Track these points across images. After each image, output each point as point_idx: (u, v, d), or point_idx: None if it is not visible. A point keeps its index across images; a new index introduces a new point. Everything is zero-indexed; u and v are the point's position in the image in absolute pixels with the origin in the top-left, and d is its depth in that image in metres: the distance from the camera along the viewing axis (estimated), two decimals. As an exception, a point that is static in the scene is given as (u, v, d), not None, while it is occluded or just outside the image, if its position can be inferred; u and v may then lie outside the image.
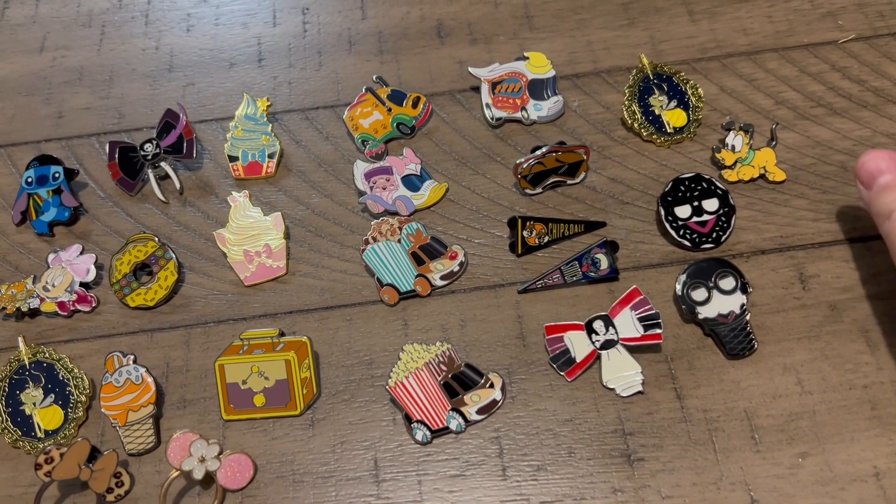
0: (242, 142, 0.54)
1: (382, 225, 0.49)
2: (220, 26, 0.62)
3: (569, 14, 0.60)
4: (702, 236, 0.49)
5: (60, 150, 0.56)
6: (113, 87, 0.59)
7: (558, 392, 0.45)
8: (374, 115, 0.54)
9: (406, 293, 0.48)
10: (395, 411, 0.45)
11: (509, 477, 0.43)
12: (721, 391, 0.44)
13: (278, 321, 0.48)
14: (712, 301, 0.46)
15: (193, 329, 0.48)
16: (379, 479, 0.43)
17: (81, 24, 0.63)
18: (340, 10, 0.62)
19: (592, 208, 0.51)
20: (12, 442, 0.45)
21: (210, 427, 0.45)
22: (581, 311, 0.47)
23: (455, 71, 0.58)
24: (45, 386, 0.46)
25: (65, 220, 0.52)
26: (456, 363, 0.45)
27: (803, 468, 0.42)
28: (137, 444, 0.44)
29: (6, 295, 0.48)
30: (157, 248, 0.50)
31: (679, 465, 0.42)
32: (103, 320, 0.49)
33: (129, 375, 0.45)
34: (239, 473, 0.43)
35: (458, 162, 0.54)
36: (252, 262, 0.50)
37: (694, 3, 0.59)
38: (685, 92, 0.54)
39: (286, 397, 0.45)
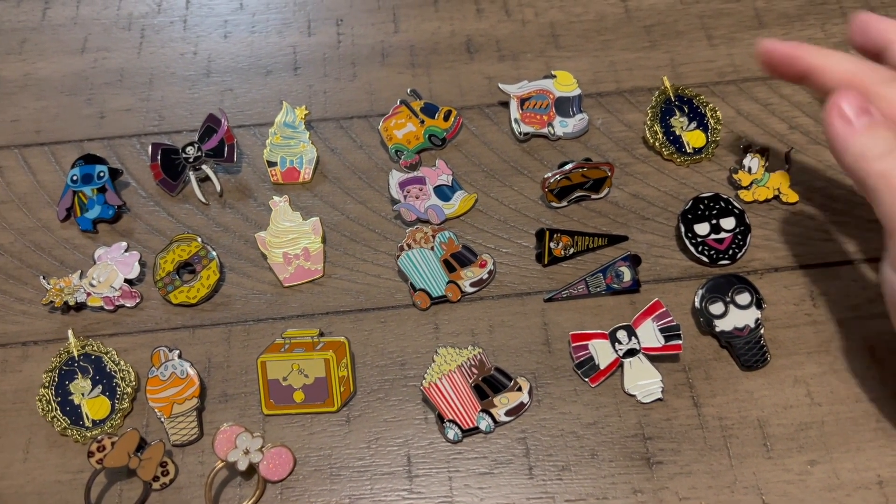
0: (281, 148, 0.56)
1: (416, 233, 0.52)
2: (257, 34, 0.64)
3: (593, 35, 0.62)
4: (719, 253, 0.51)
5: (102, 150, 0.58)
6: (153, 89, 0.61)
7: (582, 397, 0.48)
8: (407, 127, 0.57)
9: (437, 298, 0.51)
10: (426, 410, 0.48)
11: (535, 476, 0.45)
12: (735, 400, 0.47)
13: (315, 322, 0.51)
14: (729, 315, 0.49)
15: (234, 327, 0.51)
16: (412, 474, 0.46)
17: (121, 26, 0.65)
18: (374, 22, 0.64)
19: (615, 223, 0.54)
20: (62, 430, 0.47)
21: (251, 421, 0.48)
22: (603, 321, 0.50)
23: (484, 86, 0.60)
24: (93, 377, 0.48)
25: (108, 217, 0.54)
26: (486, 367, 0.48)
27: (812, 475, 0.45)
28: (181, 435, 0.47)
29: (55, 289, 0.51)
30: (200, 248, 0.52)
31: (695, 469, 0.45)
32: (146, 316, 0.51)
33: (175, 370, 0.47)
34: (280, 466, 0.45)
35: (486, 174, 0.56)
36: (291, 265, 0.52)
37: (713, 28, 0.62)
38: (705, 114, 0.57)
39: (324, 394, 0.47)
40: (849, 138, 0.41)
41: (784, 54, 0.46)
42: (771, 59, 0.47)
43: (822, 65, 0.44)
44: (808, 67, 0.45)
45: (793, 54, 0.45)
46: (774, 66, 0.47)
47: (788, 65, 0.46)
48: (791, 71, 0.46)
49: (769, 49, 0.47)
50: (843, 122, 0.41)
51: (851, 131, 0.41)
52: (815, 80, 0.45)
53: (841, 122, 0.41)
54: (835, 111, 0.42)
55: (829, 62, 0.44)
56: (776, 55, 0.46)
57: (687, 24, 0.63)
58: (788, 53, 0.46)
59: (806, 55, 0.45)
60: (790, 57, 0.46)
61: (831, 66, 0.44)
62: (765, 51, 0.47)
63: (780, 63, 0.46)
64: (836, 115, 0.42)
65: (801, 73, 0.45)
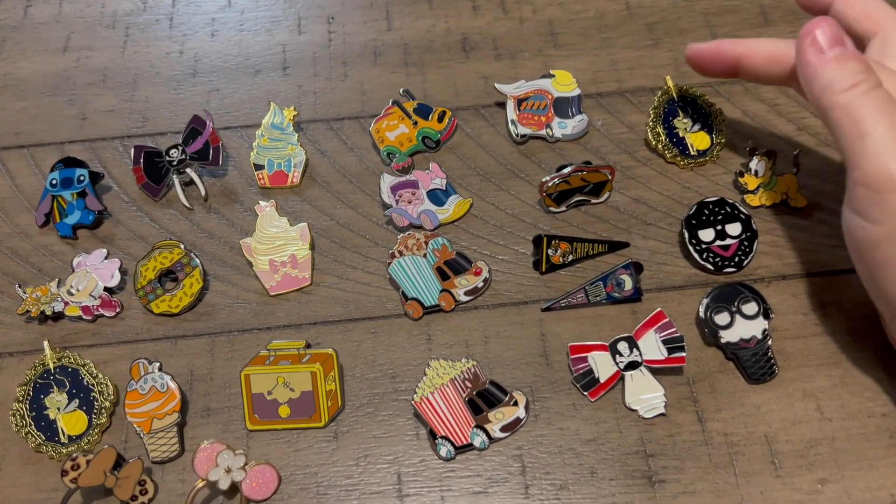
0: (268, 151, 0.54)
1: (409, 239, 0.49)
2: (245, 32, 0.62)
3: (594, 33, 0.60)
4: (724, 260, 0.49)
5: (84, 153, 0.56)
6: (137, 89, 0.59)
7: (581, 412, 0.45)
8: (399, 129, 0.55)
9: (430, 307, 0.49)
10: (418, 426, 0.45)
11: (532, 495, 0.43)
12: (742, 415, 0.45)
13: (302, 332, 0.49)
14: (735, 325, 0.46)
15: (218, 337, 0.49)
16: (402, 493, 0.44)
17: (105, 25, 0.63)
18: (366, 20, 0.62)
19: (616, 228, 0.52)
20: (36, 447, 0.45)
21: (234, 437, 0.45)
22: (604, 331, 0.48)
23: (480, 86, 0.58)
24: (70, 391, 0.46)
25: (89, 223, 0.52)
26: (481, 380, 0.46)
27: (822, 494, 0.43)
28: (161, 451, 0.45)
29: (31, 298, 0.48)
30: (182, 256, 0.50)
31: (700, 488, 0.43)
32: (127, 326, 0.49)
33: (155, 383, 0.45)
34: (264, 485, 0.43)
35: (482, 177, 0.54)
36: (277, 272, 0.50)
37: (717, 25, 0.60)
38: (709, 115, 0.54)
39: (311, 409, 0.45)
40: (819, 67, 0.40)
41: (709, 51, 0.47)
42: (698, 60, 0.48)
43: (746, 50, 0.45)
44: (734, 57, 0.46)
45: (716, 49, 0.47)
46: (704, 66, 0.48)
47: (716, 60, 0.47)
48: (721, 66, 0.47)
49: (694, 51, 0.48)
50: (815, 51, 0.41)
51: (822, 60, 0.40)
52: (745, 67, 0.46)
53: (813, 50, 0.41)
54: (808, 39, 0.41)
55: (753, 46, 0.45)
56: (702, 54, 0.48)
57: (691, 22, 0.60)
58: (712, 49, 0.47)
59: (728, 46, 0.46)
60: (714, 52, 0.47)
61: (756, 49, 0.45)
62: (691, 54, 0.48)
63: (708, 61, 0.47)
64: (809, 44, 0.41)
65: (730, 64, 0.46)
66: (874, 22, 0.46)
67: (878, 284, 0.40)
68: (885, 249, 0.39)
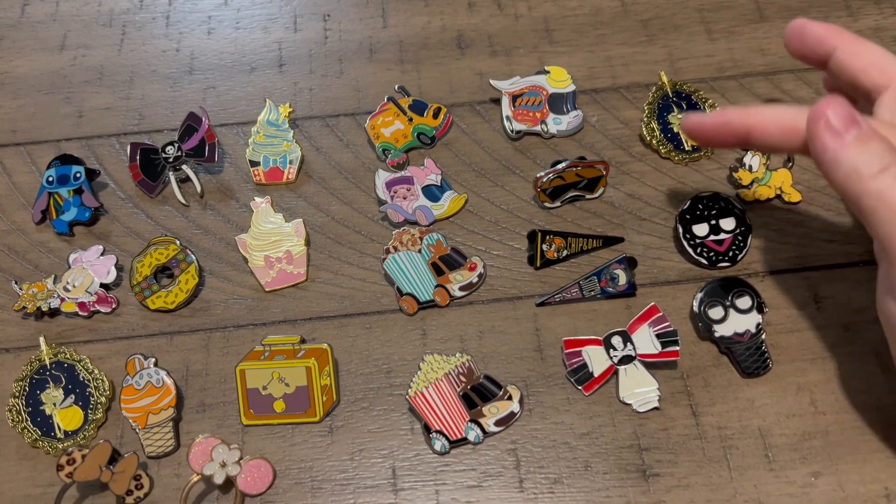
0: (264, 147, 0.54)
1: (403, 235, 0.50)
2: (241, 30, 0.62)
3: (588, 29, 0.60)
4: (718, 255, 0.49)
5: (80, 150, 0.56)
6: (133, 87, 0.59)
7: (575, 406, 0.46)
8: (395, 125, 0.55)
9: (425, 303, 0.49)
10: (413, 420, 0.46)
11: (526, 489, 0.43)
12: (736, 409, 0.45)
13: (298, 327, 0.49)
14: (728, 319, 0.47)
15: (213, 333, 0.49)
16: (397, 487, 0.44)
17: (102, 23, 0.63)
18: (362, 17, 0.62)
19: (610, 223, 0.52)
20: (32, 442, 0.45)
21: (229, 431, 0.46)
22: (598, 326, 0.48)
23: (475, 82, 0.58)
24: (66, 386, 0.46)
25: (85, 220, 0.52)
26: (475, 375, 0.46)
27: (816, 487, 0.43)
28: (157, 447, 0.45)
29: (27, 294, 0.49)
30: (178, 252, 0.50)
31: (694, 482, 0.43)
32: (123, 322, 0.49)
33: (150, 378, 0.45)
34: (259, 479, 0.43)
35: (477, 173, 0.54)
36: (273, 268, 0.50)
37: (712, 22, 0.60)
38: (704, 110, 0.54)
39: (306, 404, 0.45)
40: (839, 152, 0.37)
41: (713, 124, 0.42)
42: (702, 134, 0.43)
43: (757, 122, 0.41)
44: (743, 130, 0.41)
45: (722, 122, 0.42)
46: (709, 139, 0.43)
47: (722, 133, 0.42)
48: (730, 139, 0.42)
49: (696, 124, 0.43)
50: (832, 135, 0.37)
51: (841, 144, 0.37)
52: (757, 140, 0.41)
53: (829, 134, 0.37)
54: (821, 122, 0.37)
55: (764, 117, 0.41)
56: (705, 128, 0.43)
57: (685, 18, 0.60)
58: (717, 122, 0.42)
59: (736, 118, 0.41)
60: (720, 125, 0.42)
61: (767, 119, 0.40)
62: (692, 128, 0.43)
63: (712, 134, 0.43)
64: (823, 127, 0.37)
65: (740, 137, 0.42)
66: (884, 74, 0.43)
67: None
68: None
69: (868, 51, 0.44)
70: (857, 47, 0.44)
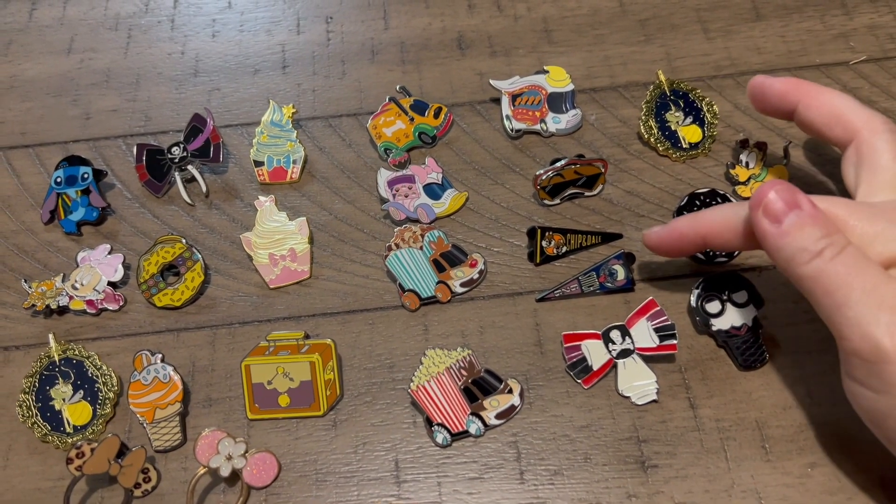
0: (268, 147, 0.55)
1: (405, 232, 0.50)
2: (245, 33, 0.63)
3: (587, 29, 0.61)
4: (715, 251, 0.50)
5: (88, 151, 0.57)
6: (139, 89, 0.60)
7: (575, 399, 0.46)
8: (396, 125, 0.56)
9: (427, 299, 0.50)
10: (415, 414, 0.46)
11: (527, 481, 0.44)
12: (733, 401, 0.46)
13: (302, 324, 0.50)
14: (726, 313, 0.47)
15: (219, 329, 0.50)
16: (400, 479, 0.44)
17: (108, 27, 0.64)
18: (363, 19, 0.63)
19: (609, 220, 0.52)
20: (42, 437, 0.46)
21: (235, 426, 0.46)
22: (597, 321, 0.49)
23: (475, 82, 0.59)
24: (75, 382, 0.47)
25: (93, 220, 0.53)
26: (476, 368, 0.47)
27: (812, 478, 0.43)
28: (164, 441, 0.46)
29: (36, 292, 0.50)
30: (184, 250, 0.51)
31: (692, 473, 0.44)
32: (130, 319, 0.50)
33: (157, 374, 0.46)
34: (264, 472, 0.44)
35: (477, 172, 0.55)
36: (277, 266, 0.51)
37: (709, 21, 0.61)
38: (701, 108, 0.55)
39: (310, 398, 0.46)
40: (778, 240, 0.38)
41: (668, 237, 0.45)
42: (663, 250, 0.46)
43: (708, 229, 0.43)
44: (698, 238, 0.43)
45: (676, 235, 0.44)
46: (669, 252, 0.46)
47: (679, 245, 0.45)
48: (688, 248, 0.45)
49: (656, 242, 0.46)
50: (770, 222, 0.38)
51: (779, 232, 0.38)
52: (715, 243, 0.43)
53: (767, 222, 0.38)
54: (759, 210, 0.38)
55: (712, 222, 0.42)
56: (664, 244, 0.45)
57: (683, 17, 0.61)
58: (671, 235, 0.44)
59: (687, 230, 0.44)
60: (676, 239, 0.44)
61: (717, 224, 0.42)
62: (651, 243, 0.46)
63: (673, 248, 0.45)
64: (762, 216, 0.38)
65: (698, 244, 0.44)
66: (846, 130, 0.43)
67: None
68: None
69: (831, 103, 0.44)
70: (819, 99, 0.44)
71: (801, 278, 0.37)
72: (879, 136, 0.42)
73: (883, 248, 0.37)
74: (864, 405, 0.38)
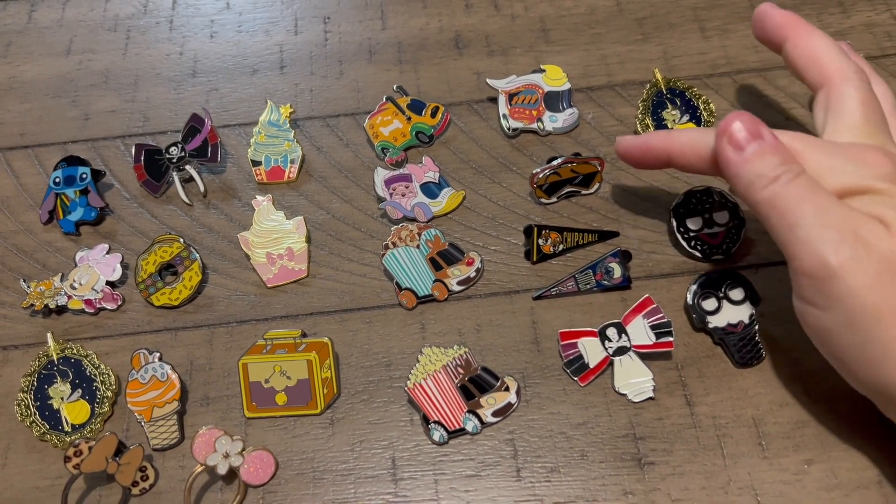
0: (265, 147, 0.55)
1: (402, 231, 0.51)
2: (243, 33, 0.63)
3: (584, 28, 0.61)
4: (712, 248, 0.50)
5: (86, 152, 0.57)
6: (138, 90, 0.60)
7: (571, 397, 0.46)
8: (393, 124, 0.56)
9: (424, 297, 0.50)
10: (412, 412, 0.46)
11: (523, 478, 0.44)
12: (730, 398, 0.46)
13: (299, 322, 0.50)
14: (722, 311, 0.47)
15: (217, 328, 0.50)
16: (396, 477, 0.44)
17: (107, 28, 0.64)
18: (361, 19, 0.63)
19: (606, 218, 0.52)
20: (40, 435, 0.46)
21: (232, 424, 0.47)
22: (594, 319, 0.49)
23: (472, 82, 0.59)
24: (73, 381, 0.47)
25: (91, 220, 0.53)
26: (473, 366, 0.47)
27: (809, 475, 0.43)
28: (162, 439, 0.46)
29: (35, 292, 0.50)
30: (182, 249, 0.51)
31: (688, 470, 0.44)
32: (128, 318, 0.51)
33: (155, 372, 0.46)
34: (261, 470, 0.44)
35: (474, 171, 0.55)
36: (274, 265, 0.51)
37: (706, 19, 0.61)
38: (697, 107, 0.55)
39: (307, 396, 0.46)
40: (740, 167, 0.40)
41: (638, 148, 0.47)
42: (629, 156, 0.48)
43: (674, 146, 0.45)
44: (664, 153, 0.45)
45: (644, 146, 0.46)
46: (636, 161, 0.48)
47: (647, 156, 0.47)
48: (653, 161, 0.47)
49: (624, 148, 0.48)
50: (734, 149, 0.40)
51: (741, 159, 0.40)
52: (677, 162, 0.45)
53: (731, 149, 0.41)
54: (724, 138, 0.41)
55: (680, 141, 0.45)
56: (631, 151, 0.47)
57: (680, 16, 0.61)
58: (640, 146, 0.47)
59: (656, 141, 0.46)
60: (643, 149, 0.46)
61: (683, 143, 0.44)
62: (622, 151, 0.48)
63: (638, 157, 0.47)
64: (726, 143, 0.41)
65: (662, 159, 0.46)
66: (821, 74, 0.45)
67: (846, 369, 0.40)
68: (841, 335, 0.38)
69: (812, 46, 0.45)
70: (804, 40, 0.46)
71: (759, 203, 0.40)
72: (849, 82, 0.43)
73: (835, 180, 0.39)
74: (811, 323, 0.40)
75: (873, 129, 0.42)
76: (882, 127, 0.43)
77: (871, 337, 0.37)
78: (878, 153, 0.40)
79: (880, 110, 0.43)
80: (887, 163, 0.39)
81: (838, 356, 0.39)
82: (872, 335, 0.37)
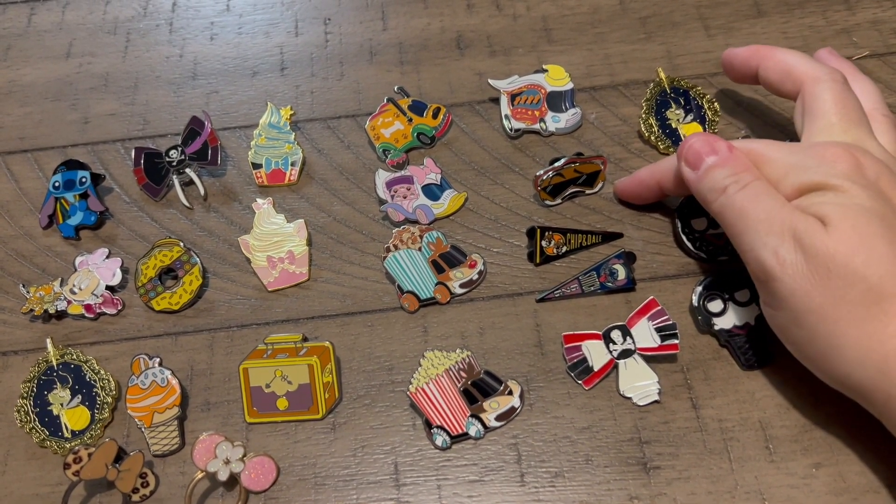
0: (266, 150, 0.55)
1: (403, 233, 0.50)
2: (244, 35, 0.63)
3: (587, 28, 0.61)
4: (718, 248, 0.49)
5: (86, 156, 0.57)
6: (138, 93, 0.60)
7: (576, 400, 0.46)
8: (395, 125, 0.55)
9: (426, 300, 0.49)
10: (414, 416, 0.46)
11: (527, 483, 0.44)
12: (736, 401, 0.45)
13: (300, 326, 0.49)
14: (728, 312, 0.47)
15: (217, 333, 0.49)
16: (399, 483, 0.44)
17: (107, 31, 0.64)
18: (362, 20, 0.63)
19: (609, 219, 0.52)
20: (40, 442, 0.46)
21: (233, 429, 0.46)
22: (598, 321, 0.48)
23: (474, 82, 0.59)
24: (73, 387, 0.47)
25: (91, 224, 0.53)
26: (475, 370, 0.46)
27: (817, 478, 0.43)
28: (162, 445, 0.45)
29: (34, 297, 0.49)
30: (182, 253, 0.50)
31: (695, 474, 0.43)
32: (128, 323, 0.50)
33: (155, 378, 0.46)
34: (262, 476, 0.44)
35: (477, 172, 0.54)
36: (275, 268, 0.51)
37: (710, 18, 0.60)
38: (701, 106, 0.55)
39: (309, 401, 0.46)
40: (697, 184, 0.44)
41: (634, 187, 0.50)
42: (630, 196, 0.51)
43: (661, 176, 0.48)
44: (654, 184, 0.49)
45: (637, 182, 0.50)
46: (636, 196, 0.51)
47: (642, 189, 0.50)
48: (648, 192, 0.50)
49: (623, 190, 0.51)
50: (691, 169, 0.44)
51: (696, 177, 0.43)
52: (667, 192, 0.49)
53: (688, 169, 0.44)
54: (682, 160, 0.44)
55: (662, 171, 0.48)
56: (630, 192, 0.51)
57: (683, 15, 0.61)
58: (636, 184, 0.50)
59: (646, 177, 0.49)
60: (638, 185, 0.50)
61: (666, 172, 0.48)
62: (621, 193, 0.52)
63: (636, 192, 0.51)
64: (684, 164, 0.44)
65: (655, 192, 0.49)
66: (794, 82, 0.46)
67: (810, 365, 0.41)
68: (793, 332, 0.40)
69: (781, 59, 0.47)
70: (772, 58, 0.48)
71: (714, 214, 0.43)
72: (821, 84, 0.44)
73: (796, 179, 0.41)
74: (770, 322, 0.42)
75: (849, 126, 0.43)
76: (859, 123, 0.43)
77: (816, 334, 0.39)
78: (838, 149, 0.41)
79: (858, 107, 0.44)
80: (847, 159, 0.40)
81: (798, 353, 0.42)
82: (818, 332, 0.38)
